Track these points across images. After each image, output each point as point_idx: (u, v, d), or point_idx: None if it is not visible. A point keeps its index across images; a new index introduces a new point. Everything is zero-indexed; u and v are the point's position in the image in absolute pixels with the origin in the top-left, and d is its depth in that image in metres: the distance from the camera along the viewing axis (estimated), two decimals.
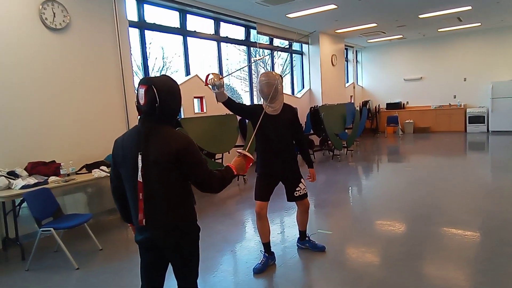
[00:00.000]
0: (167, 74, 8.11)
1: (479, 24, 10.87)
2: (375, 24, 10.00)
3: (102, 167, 4.66)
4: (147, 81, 1.82)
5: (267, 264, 3.33)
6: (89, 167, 4.73)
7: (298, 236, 3.72)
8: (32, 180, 4.00)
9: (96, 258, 3.86)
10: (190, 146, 1.82)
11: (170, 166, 1.79)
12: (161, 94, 1.79)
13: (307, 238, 3.68)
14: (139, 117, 1.88)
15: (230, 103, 3.20)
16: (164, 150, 1.78)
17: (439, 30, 11.53)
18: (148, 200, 1.81)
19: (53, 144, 4.72)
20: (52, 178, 4.19)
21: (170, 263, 1.97)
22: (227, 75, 3.07)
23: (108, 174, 4.40)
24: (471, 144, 10.33)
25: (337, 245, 3.77)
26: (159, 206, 1.82)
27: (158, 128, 1.83)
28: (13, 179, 3.97)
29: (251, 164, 2.10)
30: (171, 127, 1.87)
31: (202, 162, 1.85)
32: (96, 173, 4.51)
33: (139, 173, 1.79)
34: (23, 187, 3.82)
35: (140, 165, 1.79)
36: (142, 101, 1.80)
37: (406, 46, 13.28)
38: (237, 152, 2.12)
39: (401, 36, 12.19)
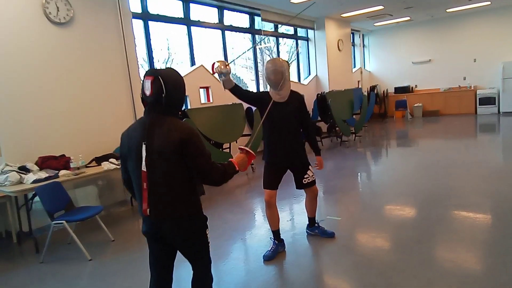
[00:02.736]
0: (172, 65, 8.06)
1: (489, 2, 10.59)
2: (381, 7, 9.81)
3: (111, 160, 4.70)
4: (154, 72, 1.83)
5: (277, 251, 3.36)
6: (99, 160, 4.78)
7: (307, 222, 3.73)
8: (43, 174, 4.05)
9: (108, 249, 3.92)
10: (194, 136, 1.83)
11: (174, 156, 1.79)
12: (168, 85, 1.81)
13: (316, 225, 3.69)
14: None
15: (237, 89, 3.20)
16: (168, 139, 1.79)
17: (447, 10, 11.28)
18: (152, 190, 1.82)
19: (62, 138, 4.76)
20: (62, 172, 4.25)
21: (179, 252, 1.99)
22: (232, 61, 3.12)
23: (117, 166, 4.45)
24: (481, 126, 10.17)
25: (346, 231, 3.77)
26: (163, 196, 1.83)
27: (163, 118, 1.84)
28: (25, 174, 4.03)
29: (252, 160, 2.12)
30: (176, 118, 1.88)
31: (205, 153, 1.85)
32: (106, 165, 4.55)
33: (143, 162, 1.81)
34: (34, 181, 3.88)
35: (144, 155, 1.81)
36: (148, 92, 1.82)
37: (413, 28, 13.02)
38: (239, 148, 2.12)
39: (409, 18, 11.96)
